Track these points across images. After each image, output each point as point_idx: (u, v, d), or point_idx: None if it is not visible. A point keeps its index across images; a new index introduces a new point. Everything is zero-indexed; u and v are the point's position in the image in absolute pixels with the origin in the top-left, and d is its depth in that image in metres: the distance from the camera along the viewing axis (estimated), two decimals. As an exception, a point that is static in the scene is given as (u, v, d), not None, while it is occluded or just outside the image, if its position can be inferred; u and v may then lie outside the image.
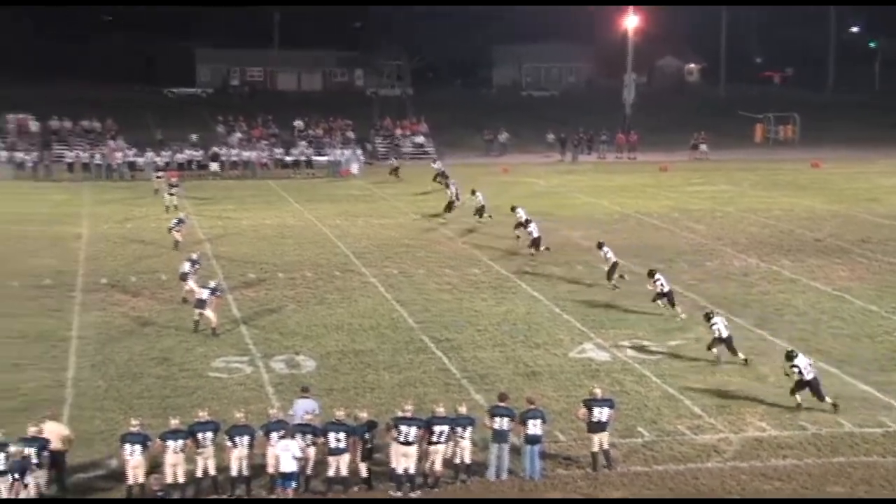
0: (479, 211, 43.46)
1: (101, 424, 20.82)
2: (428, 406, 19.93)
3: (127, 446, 17.66)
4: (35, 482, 17.10)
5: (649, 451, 19.99)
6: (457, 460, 18.54)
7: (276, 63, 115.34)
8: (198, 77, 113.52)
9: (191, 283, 29.43)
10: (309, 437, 18.18)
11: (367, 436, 18.24)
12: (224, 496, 18.00)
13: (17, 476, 16.65)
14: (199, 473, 17.96)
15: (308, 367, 24.87)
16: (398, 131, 71.81)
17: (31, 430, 17.77)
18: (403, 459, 18.16)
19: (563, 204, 49.62)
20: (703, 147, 70.77)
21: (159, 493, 16.83)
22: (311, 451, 18.21)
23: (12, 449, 17.21)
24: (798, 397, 21.97)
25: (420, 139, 70.98)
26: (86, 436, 19.74)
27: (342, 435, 18.07)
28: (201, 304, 27.31)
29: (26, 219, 43.27)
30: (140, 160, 58.25)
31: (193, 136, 62.94)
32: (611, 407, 19.50)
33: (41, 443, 17.45)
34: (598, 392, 19.87)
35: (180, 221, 38.34)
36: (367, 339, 27.18)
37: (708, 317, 25.63)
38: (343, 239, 40.11)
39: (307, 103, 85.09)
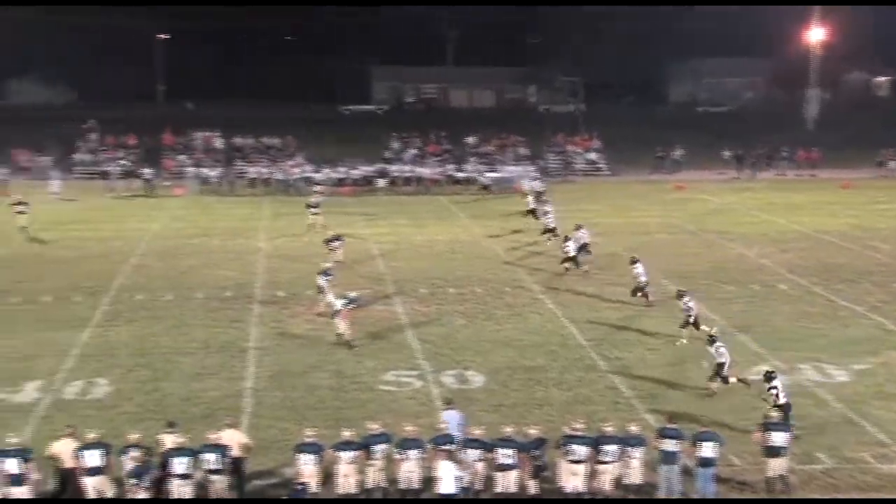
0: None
1: (277, 434, 21.40)
2: (597, 424, 19.75)
3: (301, 456, 18.10)
4: (218, 485, 17.81)
5: (829, 478, 19.30)
6: (626, 480, 18.30)
7: (449, 80, 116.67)
8: (373, 95, 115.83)
9: (328, 296, 30.04)
10: (478, 451, 18.26)
11: (536, 453, 18.21)
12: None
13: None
14: (370, 485, 18.25)
15: (477, 383, 24.99)
16: (570, 147, 71.54)
17: (213, 437, 18.46)
18: (573, 478, 18.04)
19: (738, 221, 48.42)
20: (892, 164, 67.88)
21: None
22: (480, 466, 18.28)
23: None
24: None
25: (593, 155, 70.50)
26: (263, 444, 20.32)
27: (511, 451, 18.07)
28: (336, 314, 27.89)
29: (210, 232, 44.95)
30: (317, 176, 59.75)
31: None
32: (788, 431, 18.91)
33: (222, 449, 18.08)
34: (775, 415, 19.31)
35: (336, 239, 38.04)
36: (536, 355, 27.14)
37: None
38: (512, 254, 40.19)
39: (480, 120, 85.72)
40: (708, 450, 18.30)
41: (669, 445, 18.40)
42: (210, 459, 17.87)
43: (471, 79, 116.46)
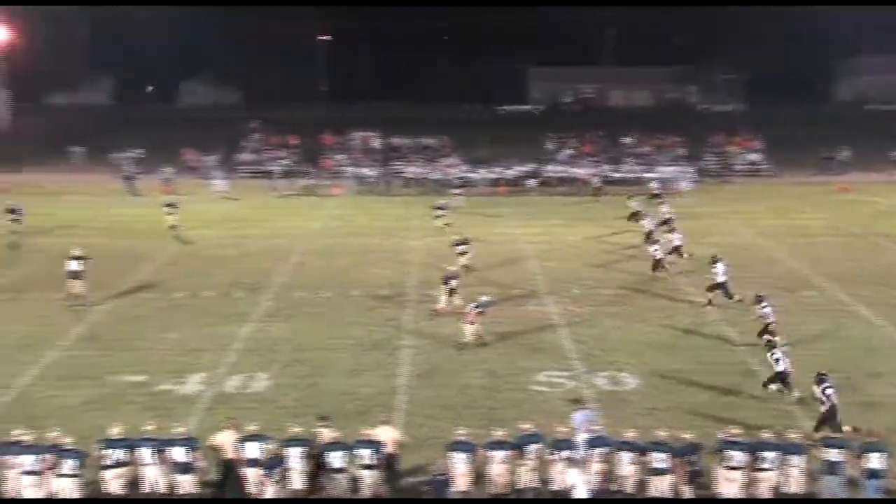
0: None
1: (430, 431, 21.51)
2: (754, 431, 19.21)
3: (454, 454, 18.13)
4: (370, 480, 18.02)
5: None
6: (785, 489, 17.75)
7: (607, 80, 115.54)
8: (530, 95, 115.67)
9: (456, 299, 30.11)
10: (631, 454, 18.01)
11: (692, 458, 17.85)
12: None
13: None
14: (522, 485, 18.19)
15: (630, 385, 24.67)
16: (730, 148, 69.98)
17: (367, 433, 18.71)
18: (729, 484, 17.62)
19: (908, 224, 46.53)
20: None
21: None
22: (633, 470, 18.00)
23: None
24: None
25: (753, 156, 68.83)
26: (416, 441, 20.41)
27: (665, 455, 17.76)
28: (465, 317, 27.93)
29: (367, 231, 45.69)
30: (473, 176, 60.02)
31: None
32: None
33: (377, 445, 18.29)
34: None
35: (461, 243, 37.33)
36: (691, 359, 26.61)
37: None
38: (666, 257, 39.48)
39: (637, 120, 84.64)
40: (875, 461, 17.61)
41: (833, 455, 17.77)
42: (364, 455, 18.08)
43: (629, 78, 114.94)
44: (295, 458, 17.99)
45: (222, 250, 41.27)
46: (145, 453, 17.98)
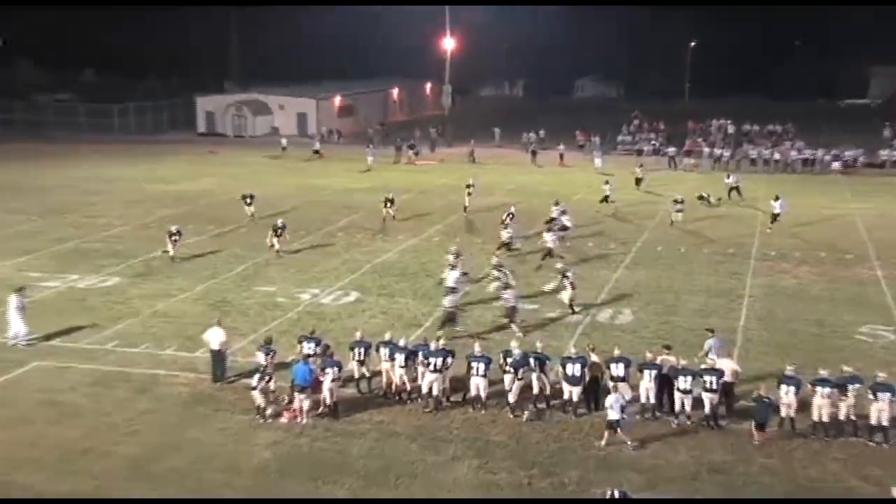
0: None
1: (762, 366, 20.49)
2: None
3: (783, 386, 17.24)
4: (710, 401, 17.49)
5: None
6: None
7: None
8: (870, 90, 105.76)
9: None
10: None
11: None
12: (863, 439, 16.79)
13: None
14: (842, 417, 16.95)
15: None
16: None
17: (710, 363, 18.15)
18: None
19: None
20: None
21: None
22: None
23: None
24: None
25: None
26: (749, 373, 19.55)
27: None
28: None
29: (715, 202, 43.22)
30: (813, 156, 55.92)
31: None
32: None
33: (719, 373, 17.73)
34: None
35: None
36: None
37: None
38: None
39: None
40: None
41: None
42: (708, 381, 17.60)
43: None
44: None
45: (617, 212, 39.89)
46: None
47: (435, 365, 18.24)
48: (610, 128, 67.65)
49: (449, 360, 18.41)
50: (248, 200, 37.71)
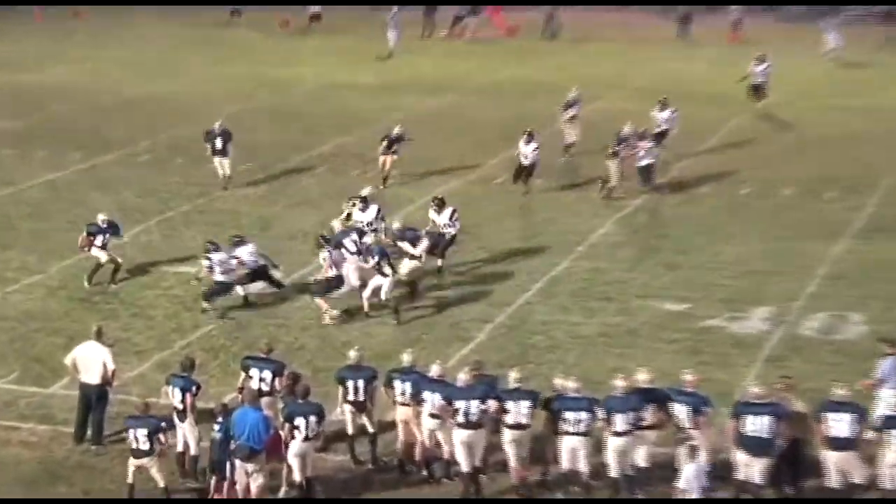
0: None
1: None
2: None
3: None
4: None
5: None
6: None
7: None
8: None
9: None
10: None
11: None
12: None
13: None
14: None
15: None
16: None
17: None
18: None
19: None
20: None
21: None
22: None
23: None
24: None
25: None
26: None
27: None
28: None
29: None
30: None
31: None
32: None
33: None
34: None
35: None
36: None
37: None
38: None
39: None
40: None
41: None
42: None
43: None
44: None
45: (817, 129, 26.28)
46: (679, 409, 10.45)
47: (517, 419, 10.64)
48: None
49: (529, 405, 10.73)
50: (220, 145, 20.99)
